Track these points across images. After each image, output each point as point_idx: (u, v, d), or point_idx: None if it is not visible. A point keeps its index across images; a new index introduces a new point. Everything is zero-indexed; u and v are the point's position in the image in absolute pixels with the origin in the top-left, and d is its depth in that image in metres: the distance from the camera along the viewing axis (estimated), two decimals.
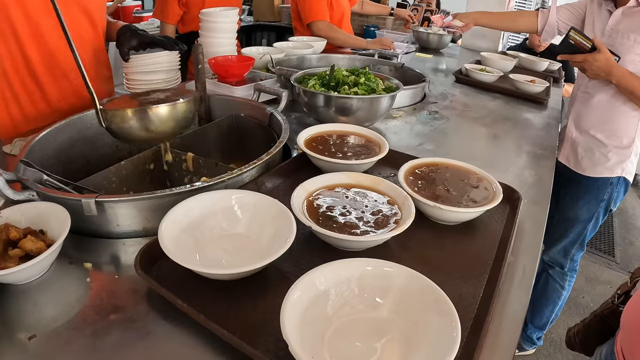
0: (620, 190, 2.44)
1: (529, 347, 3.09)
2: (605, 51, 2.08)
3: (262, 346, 0.80)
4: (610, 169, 2.36)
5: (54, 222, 1.05)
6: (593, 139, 2.37)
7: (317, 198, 1.18)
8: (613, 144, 2.31)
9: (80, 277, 1.00)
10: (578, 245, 2.63)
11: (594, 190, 2.44)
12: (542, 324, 2.94)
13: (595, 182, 2.43)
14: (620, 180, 2.39)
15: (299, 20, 3.69)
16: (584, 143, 2.41)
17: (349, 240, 1.02)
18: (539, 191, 1.54)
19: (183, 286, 0.93)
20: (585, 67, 2.16)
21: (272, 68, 2.39)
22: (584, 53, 2.13)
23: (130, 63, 1.89)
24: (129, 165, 1.43)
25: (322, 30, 3.48)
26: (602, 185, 2.42)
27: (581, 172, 2.44)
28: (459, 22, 3.22)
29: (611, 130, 2.30)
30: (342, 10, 3.87)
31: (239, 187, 1.21)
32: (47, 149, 1.44)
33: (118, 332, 0.85)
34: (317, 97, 1.81)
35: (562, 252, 2.65)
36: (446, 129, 2.06)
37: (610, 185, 2.40)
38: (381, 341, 0.81)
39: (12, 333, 0.85)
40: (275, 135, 1.57)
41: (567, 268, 2.72)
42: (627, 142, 2.29)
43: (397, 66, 2.73)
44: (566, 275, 2.76)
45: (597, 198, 2.45)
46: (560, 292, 2.81)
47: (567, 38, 2.15)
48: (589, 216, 2.50)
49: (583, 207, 2.48)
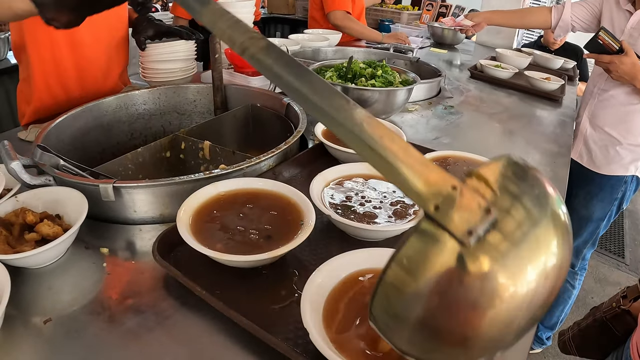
0: (632, 189, 2.42)
1: (537, 347, 3.08)
2: (632, 55, 2.07)
3: (281, 334, 0.79)
4: (625, 167, 2.35)
5: (70, 207, 1.05)
6: (608, 136, 2.35)
7: (335, 187, 1.17)
8: (628, 142, 2.29)
9: (97, 262, 0.99)
10: (590, 244, 2.62)
11: (608, 188, 2.42)
12: (552, 323, 2.93)
13: (610, 180, 2.41)
14: (633, 178, 2.38)
15: (318, 9, 3.69)
16: (599, 140, 2.39)
17: (368, 229, 1.02)
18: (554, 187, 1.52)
19: (201, 273, 0.92)
20: (611, 68, 2.15)
21: None
22: (611, 54, 2.12)
23: (146, 52, 1.89)
24: (146, 152, 1.43)
25: (339, 19, 3.48)
26: (616, 184, 2.40)
27: (595, 170, 2.43)
28: (469, 22, 3.20)
29: (627, 128, 2.28)
30: (362, 5, 3.90)
31: (257, 176, 1.20)
32: (63, 136, 1.44)
33: (135, 318, 0.85)
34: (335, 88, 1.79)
35: (575, 252, 2.62)
36: (462, 123, 2.05)
37: (624, 184, 2.39)
38: None
39: (27, 317, 0.85)
40: (292, 125, 1.56)
41: (578, 267, 2.71)
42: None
43: (412, 60, 2.71)
44: (577, 274, 2.74)
45: (612, 196, 2.43)
46: (571, 291, 2.79)
47: (596, 37, 2.14)
48: (603, 215, 2.48)
49: (597, 205, 2.46)
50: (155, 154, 1.46)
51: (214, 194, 1.07)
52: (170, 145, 1.50)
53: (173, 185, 1.08)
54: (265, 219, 1.01)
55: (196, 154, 1.48)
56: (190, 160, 1.50)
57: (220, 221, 1.00)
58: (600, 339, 1.56)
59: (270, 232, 0.97)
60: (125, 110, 1.69)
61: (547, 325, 2.93)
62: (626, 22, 2.26)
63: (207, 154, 1.45)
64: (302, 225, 0.98)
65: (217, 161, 1.44)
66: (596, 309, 1.64)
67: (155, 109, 1.78)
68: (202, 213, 1.01)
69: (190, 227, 0.96)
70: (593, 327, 1.59)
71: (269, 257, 0.88)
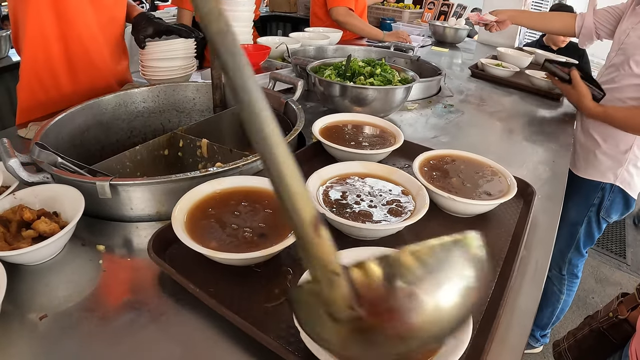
0: (614, 200, 2.36)
1: (534, 343, 3.08)
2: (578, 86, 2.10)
3: (274, 332, 0.80)
4: (601, 173, 2.32)
5: (67, 204, 1.06)
6: (592, 139, 2.32)
7: (331, 186, 1.17)
8: (607, 146, 2.27)
9: (93, 259, 1.00)
10: (574, 250, 2.58)
11: (583, 192, 2.40)
12: (543, 324, 2.94)
13: (586, 184, 2.39)
14: (614, 188, 2.32)
15: (321, 6, 3.70)
16: (584, 143, 2.36)
17: (362, 228, 1.02)
18: (553, 187, 1.52)
19: (195, 271, 0.93)
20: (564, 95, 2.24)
21: (288, 58, 2.38)
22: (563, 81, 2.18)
23: (146, 50, 1.89)
24: (144, 150, 1.43)
25: (341, 15, 3.50)
26: (592, 189, 2.38)
27: (575, 172, 2.41)
28: (492, 17, 3.14)
29: (608, 132, 2.24)
30: (364, 3, 3.92)
31: (254, 174, 1.21)
32: (62, 133, 1.44)
33: (129, 315, 0.86)
34: (333, 86, 1.80)
35: (559, 254, 2.61)
36: (461, 122, 2.05)
37: (601, 191, 2.34)
38: None
39: (24, 313, 0.85)
40: (290, 123, 1.57)
41: (565, 271, 2.68)
42: (624, 148, 2.23)
43: (412, 59, 2.71)
44: (564, 280, 2.71)
45: (587, 202, 2.40)
46: (559, 295, 2.76)
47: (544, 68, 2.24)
48: (579, 219, 2.45)
49: (572, 208, 2.42)
50: (153, 152, 1.47)
51: (210, 192, 1.07)
52: (168, 143, 1.50)
53: (169, 183, 1.08)
54: (260, 217, 1.02)
55: (194, 152, 1.48)
56: (188, 158, 1.51)
57: (215, 219, 1.00)
58: (598, 349, 1.56)
59: (264, 230, 0.98)
60: (124, 108, 1.70)
61: (538, 325, 2.94)
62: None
63: (204, 152, 1.46)
64: None
65: (214, 159, 1.45)
66: (591, 319, 1.64)
67: (155, 106, 1.78)
68: (198, 211, 1.02)
69: (185, 225, 0.96)
70: (590, 338, 1.59)
71: (263, 255, 0.88)
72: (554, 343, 1.78)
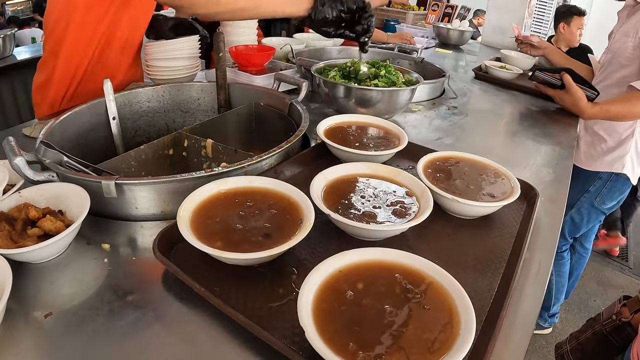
0: (612, 188, 2.46)
1: (543, 323, 3.16)
2: (572, 91, 2.13)
3: (279, 332, 0.80)
4: (610, 164, 2.42)
5: (73, 202, 1.06)
6: (597, 136, 2.44)
7: (336, 187, 1.18)
8: (613, 140, 2.38)
9: (98, 258, 1.00)
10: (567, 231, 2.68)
11: (581, 178, 2.50)
12: (545, 306, 3.05)
13: (584, 172, 2.50)
14: (612, 176, 2.43)
15: None
16: (590, 140, 2.47)
17: (367, 229, 1.02)
18: (556, 189, 1.52)
19: (200, 270, 0.93)
20: (556, 101, 2.28)
21: (292, 58, 2.39)
22: (555, 88, 2.23)
23: (150, 50, 1.90)
24: (148, 150, 1.44)
25: None
26: (589, 177, 2.48)
27: (578, 165, 2.51)
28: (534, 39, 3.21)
29: (611, 126, 2.36)
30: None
31: (258, 175, 1.21)
32: (67, 132, 1.45)
33: (134, 313, 0.86)
34: (338, 87, 1.81)
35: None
36: (465, 124, 2.05)
37: (598, 180, 2.43)
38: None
39: (29, 310, 0.86)
40: (294, 124, 1.57)
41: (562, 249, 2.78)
42: (625, 135, 2.35)
43: (416, 61, 2.72)
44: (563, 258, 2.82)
45: (583, 187, 2.49)
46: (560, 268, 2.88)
47: (535, 77, 2.29)
48: (569, 202, 2.49)
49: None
50: (158, 152, 1.47)
51: (215, 192, 1.07)
52: (173, 143, 1.51)
53: (174, 182, 1.09)
54: (265, 217, 1.02)
55: (199, 152, 1.49)
56: (193, 158, 1.51)
57: (220, 219, 1.00)
58: (600, 352, 1.56)
59: (269, 230, 0.98)
60: (129, 107, 1.71)
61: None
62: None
63: (209, 152, 1.46)
64: (301, 224, 0.98)
65: (219, 159, 1.45)
66: (594, 321, 1.64)
67: (159, 106, 1.79)
68: (203, 211, 1.02)
69: (191, 225, 0.96)
70: (593, 341, 1.59)
71: (268, 255, 0.88)
72: (556, 345, 1.78)
